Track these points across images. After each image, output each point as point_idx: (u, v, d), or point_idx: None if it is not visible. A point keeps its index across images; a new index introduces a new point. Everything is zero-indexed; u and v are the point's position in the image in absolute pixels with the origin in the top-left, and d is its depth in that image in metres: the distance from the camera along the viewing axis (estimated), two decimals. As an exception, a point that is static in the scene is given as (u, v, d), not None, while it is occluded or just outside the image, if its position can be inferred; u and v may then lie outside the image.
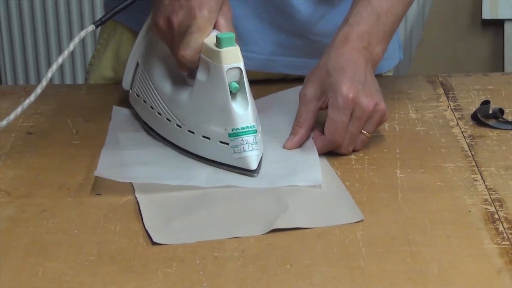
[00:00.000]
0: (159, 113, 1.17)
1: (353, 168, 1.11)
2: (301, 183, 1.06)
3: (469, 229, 0.97)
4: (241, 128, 1.08)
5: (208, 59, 1.08)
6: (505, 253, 0.92)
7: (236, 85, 1.08)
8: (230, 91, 1.08)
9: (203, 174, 1.09)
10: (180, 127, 1.14)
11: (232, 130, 1.08)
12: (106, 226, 0.99)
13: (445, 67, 2.54)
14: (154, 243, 0.95)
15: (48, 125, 1.25)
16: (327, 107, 1.13)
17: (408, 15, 2.75)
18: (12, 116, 1.12)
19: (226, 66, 1.07)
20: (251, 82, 1.12)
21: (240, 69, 1.08)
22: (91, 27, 1.15)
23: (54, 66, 1.13)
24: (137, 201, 1.03)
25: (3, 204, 1.04)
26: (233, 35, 1.07)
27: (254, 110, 1.10)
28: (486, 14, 2.52)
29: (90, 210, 1.02)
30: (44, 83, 1.13)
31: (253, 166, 1.09)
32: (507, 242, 0.94)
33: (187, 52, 1.09)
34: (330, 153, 1.14)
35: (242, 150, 1.08)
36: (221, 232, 0.97)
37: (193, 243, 0.95)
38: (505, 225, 0.98)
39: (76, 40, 1.14)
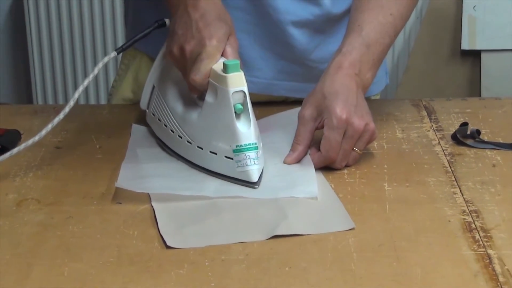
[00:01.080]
0: (172, 131, 1.17)
1: (346, 181, 1.11)
2: (299, 195, 1.06)
3: (449, 237, 0.97)
4: (244, 145, 1.08)
5: (216, 83, 1.09)
6: (480, 258, 0.92)
7: (240, 106, 1.08)
8: (235, 112, 1.08)
9: (212, 186, 1.09)
10: (190, 143, 1.14)
11: (236, 147, 1.08)
12: (125, 231, 0.99)
13: (428, 92, 2.54)
14: (168, 247, 0.95)
15: (74, 141, 1.25)
16: (323, 127, 1.13)
17: (395, 45, 2.75)
18: (43, 132, 1.11)
19: (231, 89, 1.07)
20: (255, 104, 1.12)
21: (244, 92, 1.08)
22: (113, 54, 1.15)
23: (81, 88, 1.12)
24: (153, 209, 1.03)
25: (34, 211, 1.04)
26: (238, 62, 1.08)
27: (256, 129, 1.10)
28: (465, 45, 2.52)
29: (111, 217, 1.02)
30: (71, 103, 1.12)
31: (254, 179, 1.08)
32: (483, 249, 0.94)
33: (197, 76, 1.09)
34: (326, 168, 1.14)
35: (244, 165, 1.08)
36: (228, 237, 0.97)
37: (203, 247, 0.95)
38: (481, 234, 0.97)
39: (100, 65, 1.14)
